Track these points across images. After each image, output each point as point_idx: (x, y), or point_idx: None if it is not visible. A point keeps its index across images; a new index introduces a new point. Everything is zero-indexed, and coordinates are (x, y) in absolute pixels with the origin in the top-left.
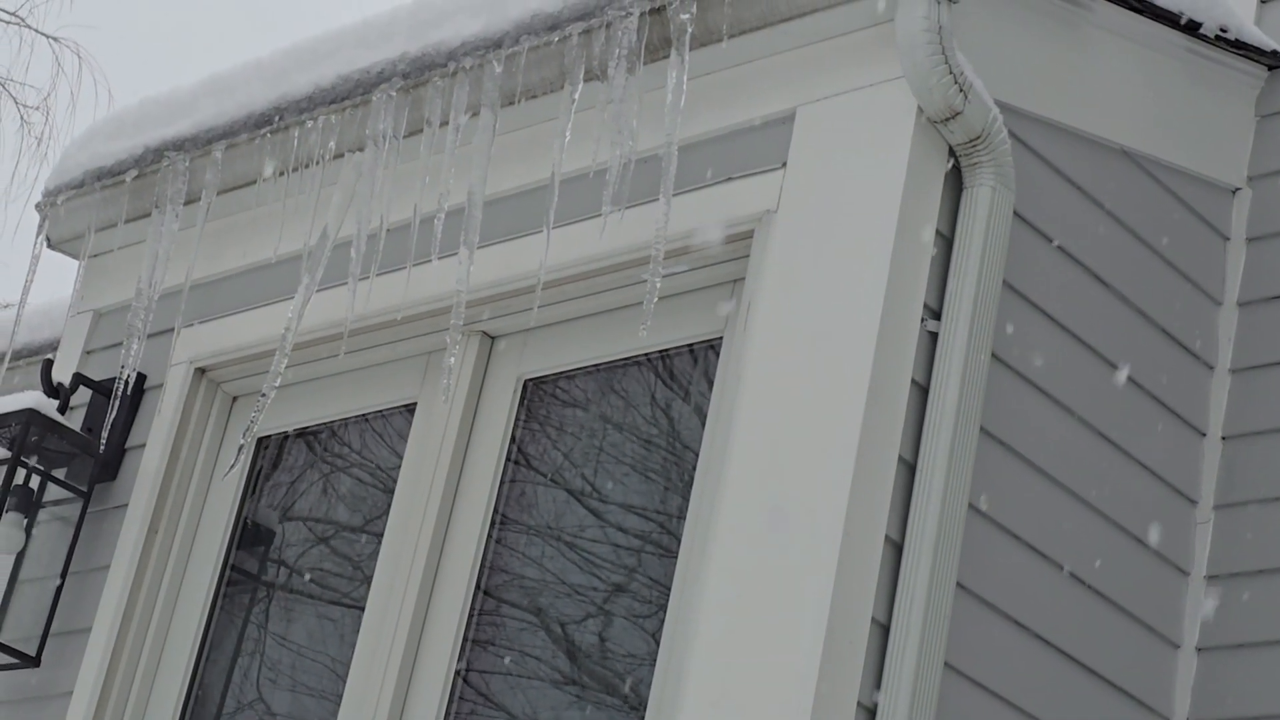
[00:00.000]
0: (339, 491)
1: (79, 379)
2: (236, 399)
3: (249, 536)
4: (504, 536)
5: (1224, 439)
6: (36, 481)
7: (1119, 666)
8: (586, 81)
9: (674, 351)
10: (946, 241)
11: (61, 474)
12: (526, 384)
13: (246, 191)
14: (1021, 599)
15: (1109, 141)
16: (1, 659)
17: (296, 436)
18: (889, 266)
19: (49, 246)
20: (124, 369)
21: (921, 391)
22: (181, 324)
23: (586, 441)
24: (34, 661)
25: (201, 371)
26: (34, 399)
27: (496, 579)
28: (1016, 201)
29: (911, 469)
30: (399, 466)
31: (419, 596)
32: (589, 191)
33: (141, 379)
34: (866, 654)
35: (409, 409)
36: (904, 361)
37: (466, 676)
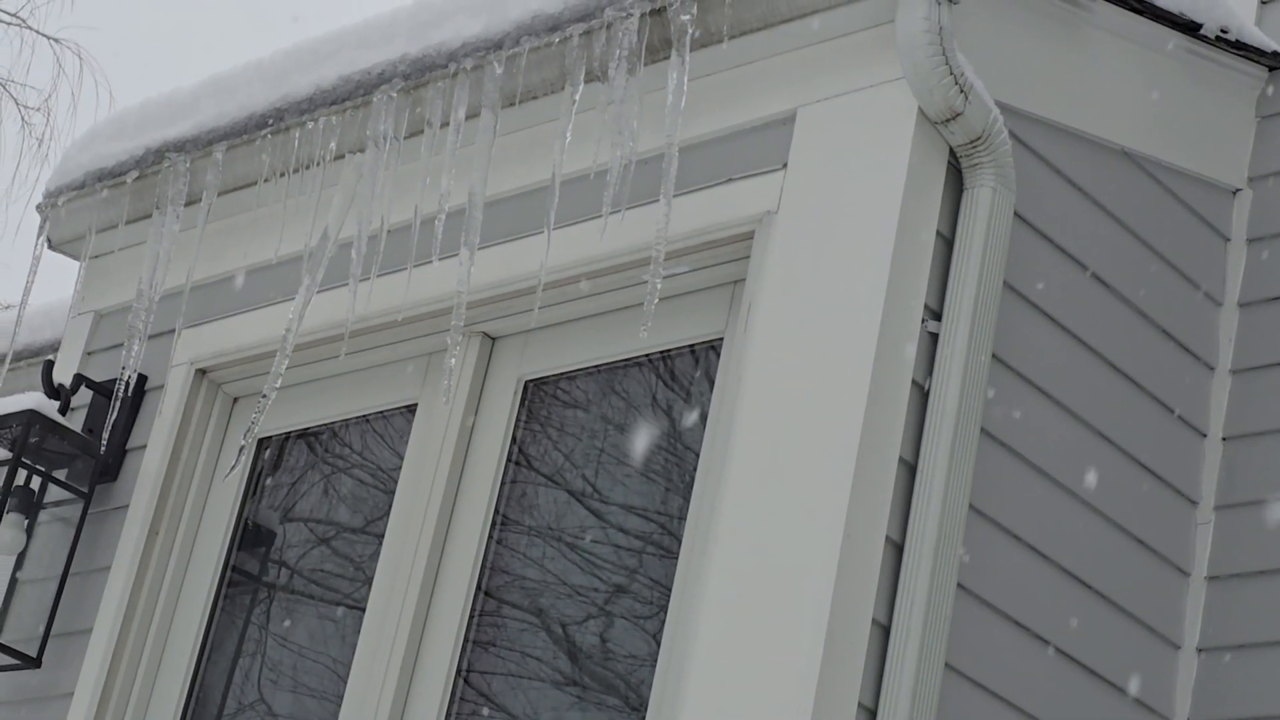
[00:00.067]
0: (340, 492)
1: (80, 380)
2: (237, 400)
3: (250, 537)
4: (505, 537)
5: (1224, 440)
6: (37, 482)
7: (1120, 667)
8: (587, 82)
9: (675, 352)
10: (947, 242)
11: (62, 475)
12: (527, 385)
13: (247, 192)
14: (1022, 600)
15: (1109, 142)
16: (2, 660)
17: (297, 437)
18: (889, 267)
19: (50, 247)
20: (125, 370)
21: (922, 392)
22: (182, 325)
23: (587, 442)
24: (35, 662)
25: (202, 372)
26: (35, 400)
27: (497, 580)
28: (1017, 202)
29: (912, 470)
30: (400, 467)
31: (420, 597)
32: (589, 192)
33: (142, 380)
34: (867, 655)
35: (410, 410)
36: (904, 362)
37: (467, 677)
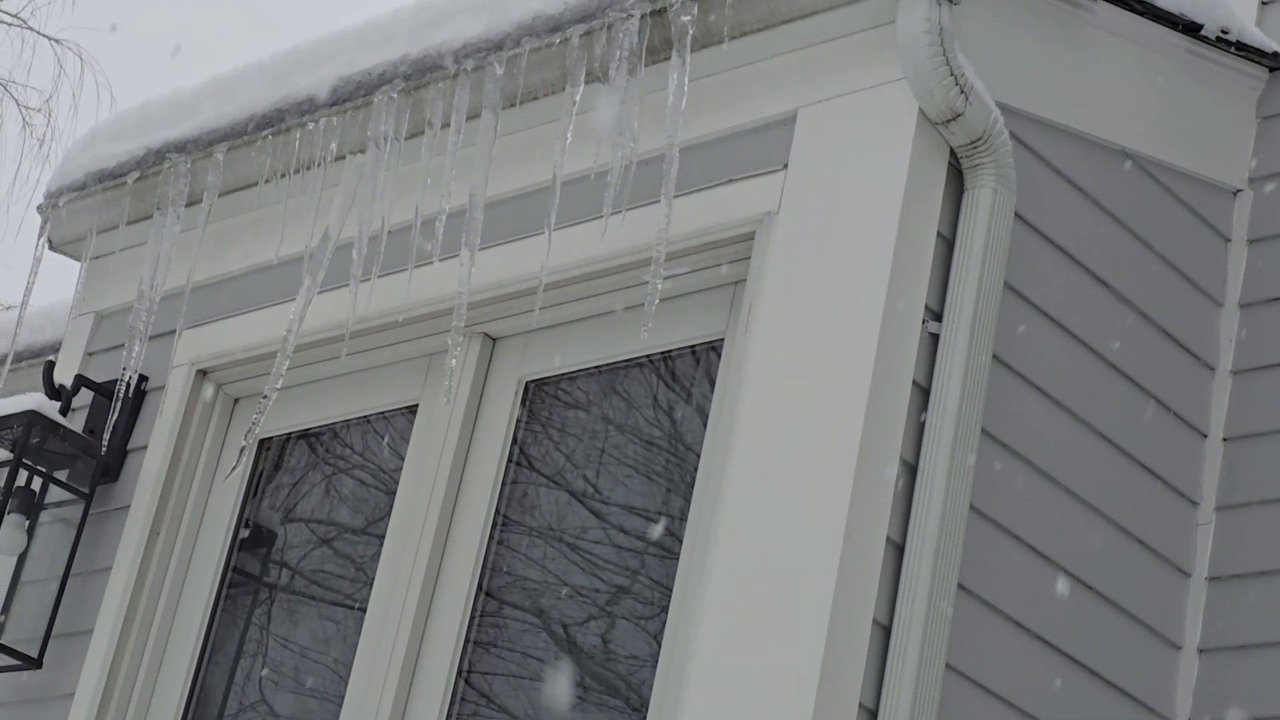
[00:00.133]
0: (340, 493)
1: (80, 381)
2: (238, 401)
3: (251, 538)
4: (505, 538)
5: (1225, 440)
6: (38, 483)
7: (1120, 668)
8: (588, 83)
9: (675, 353)
10: (947, 243)
11: (63, 476)
12: (528, 385)
13: (248, 193)
14: (1023, 600)
15: (1110, 143)
16: (3, 660)
17: (298, 438)
18: (890, 268)
19: (51, 248)
20: (125, 371)
21: (923, 393)
22: (183, 326)
23: (588, 443)
24: (36, 663)
25: (203, 373)
26: (36, 401)
27: (498, 580)
28: (1017, 203)
29: (913, 470)
30: (400, 468)
31: (420, 598)
32: (590, 193)
33: (143, 381)
34: (868, 655)
35: (410, 410)
36: (905, 363)
37: (468, 678)
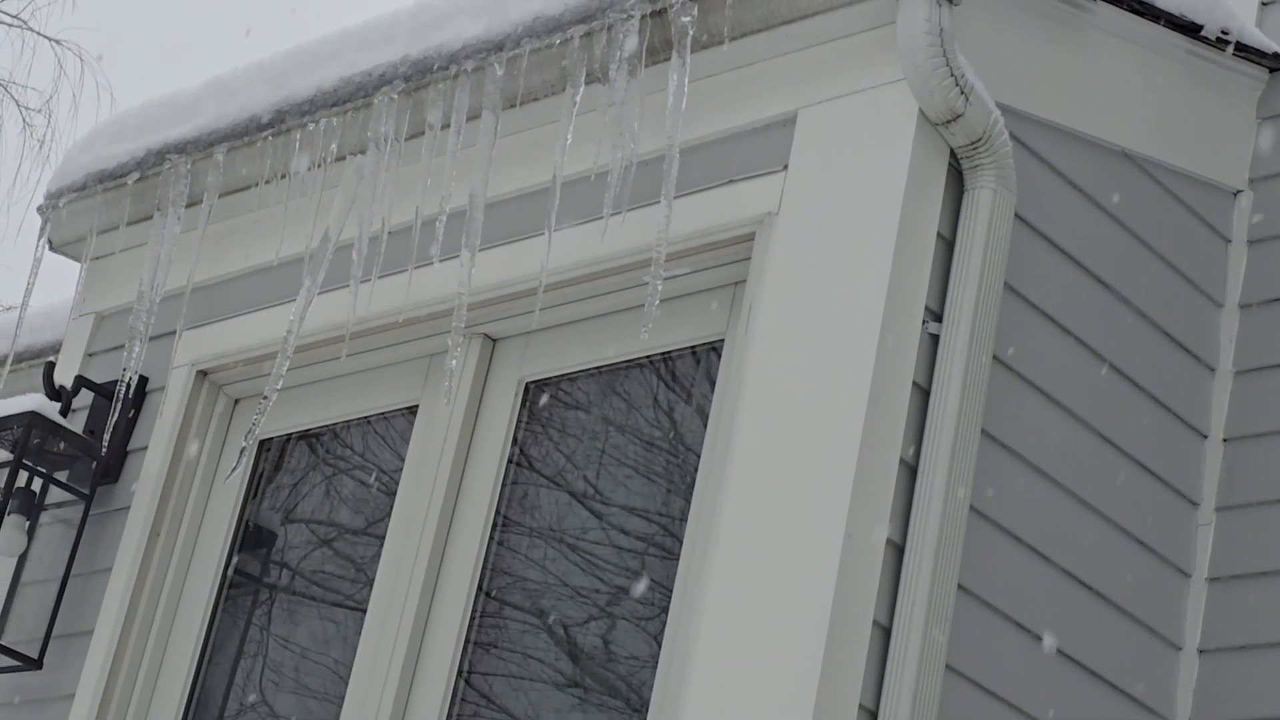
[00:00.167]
0: (341, 494)
1: (81, 382)
2: (238, 401)
3: (251, 539)
4: (506, 538)
5: (1225, 441)
6: (38, 484)
7: (1121, 668)
8: (588, 84)
9: (676, 354)
10: (948, 244)
11: (63, 477)
12: (528, 386)
13: (248, 194)
14: (1023, 601)
15: (1110, 144)
16: (4, 661)
17: (298, 439)
18: (890, 268)
19: (51, 249)
20: (126, 372)
21: (923, 394)
22: (183, 326)
23: (588, 444)
24: (36, 664)
25: (203, 374)
26: (36, 402)
27: (498, 581)
28: (1018, 204)
29: (913, 471)
30: (401, 469)
31: (421, 598)
32: (590, 194)
33: (143, 381)
34: (868, 656)
35: (411, 411)
36: (905, 363)
37: (468, 678)
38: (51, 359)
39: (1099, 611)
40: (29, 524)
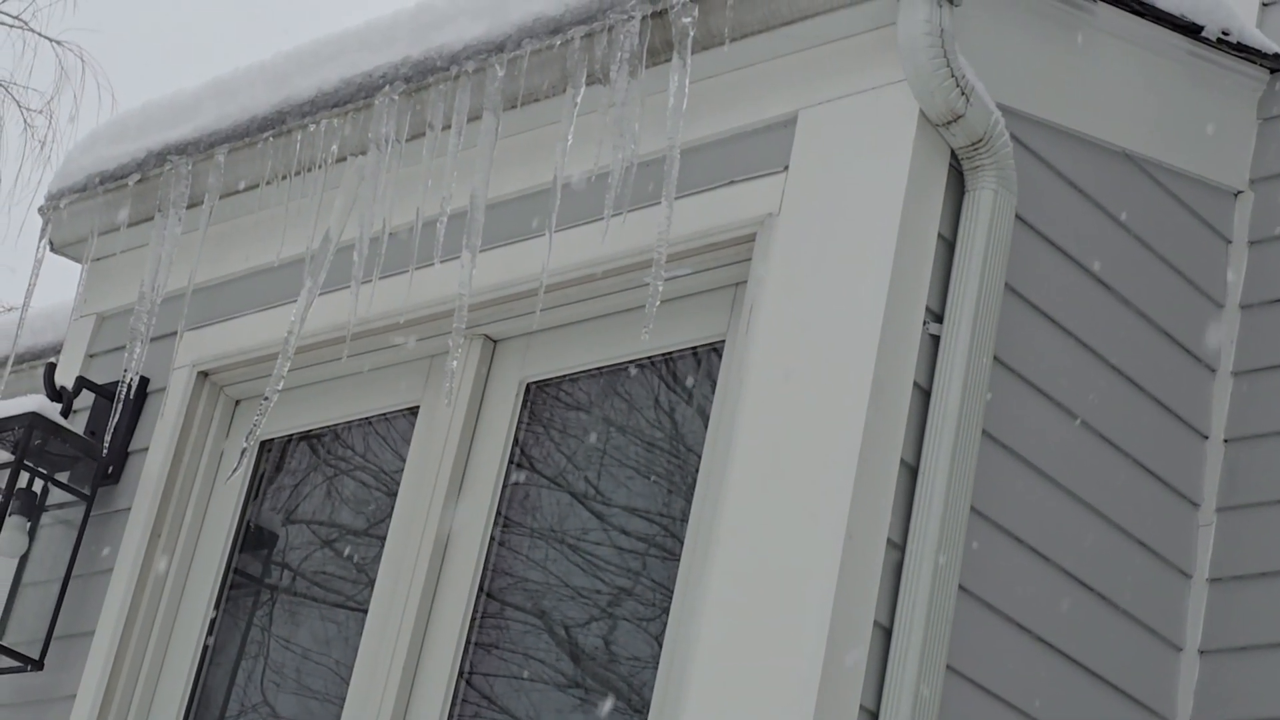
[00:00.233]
0: (342, 495)
1: (82, 382)
2: (239, 402)
3: (252, 540)
4: (506, 539)
5: (1226, 442)
6: (39, 485)
7: (1121, 669)
8: (589, 85)
9: (676, 354)
10: (948, 244)
11: (64, 477)
12: (529, 387)
13: (249, 195)
14: (1024, 602)
15: (1111, 144)
16: (5, 662)
17: (299, 440)
18: (891, 269)
19: (52, 250)
20: (127, 373)
21: (923, 394)
22: (184, 327)
23: (589, 444)
24: (37, 665)
25: (204, 375)
26: (37, 403)
27: (499, 582)
28: (1018, 204)
29: (914, 472)
30: (402, 470)
31: (422, 599)
32: (591, 195)
33: (144, 382)
34: (869, 657)
35: (411, 412)
36: (906, 364)
37: (469, 679)
38: (52, 360)
39: (1100, 612)
40: (30, 525)
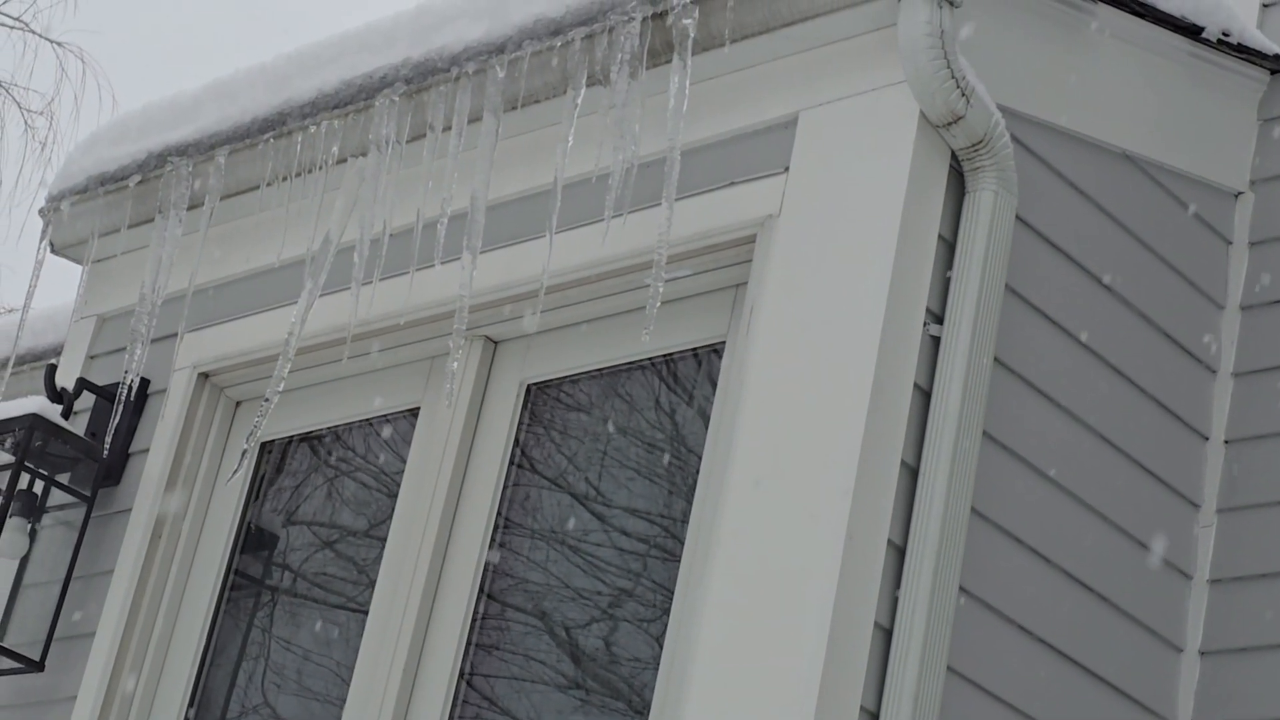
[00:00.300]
0: (343, 496)
1: (82, 384)
2: (240, 404)
3: (253, 541)
4: (507, 540)
5: (1227, 443)
6: (40, 486)
7: (1122, 670)
8: (589, 86)
9: (677, 356)
10: (949, 245)
11: (65, 479)
12: (529, 388)
13: (250, 196)
14: (1024, 603)
15: (1111, 145)
16: (5, 663)
17: (300, 441)
18: (891, 270)
19: (53, 251)
20: (127, 374)
21: (924, 396)
22: (185, 329)
23: (590, 446)
24: (38, 666)
25: (205, 376)
26: (38, 404)
27: (500, 583)
28: (1019, 205)
29: (914, 473)
30: (402, 471)
31: (422, 600)
32: (591, 196)
33: (145, 384)
34: (869, 658)
35: (412, 413)
36: (906, 366)
37: (470, 680)
38: (53, 361)
39: (1100, 613)
40: (31, 526)
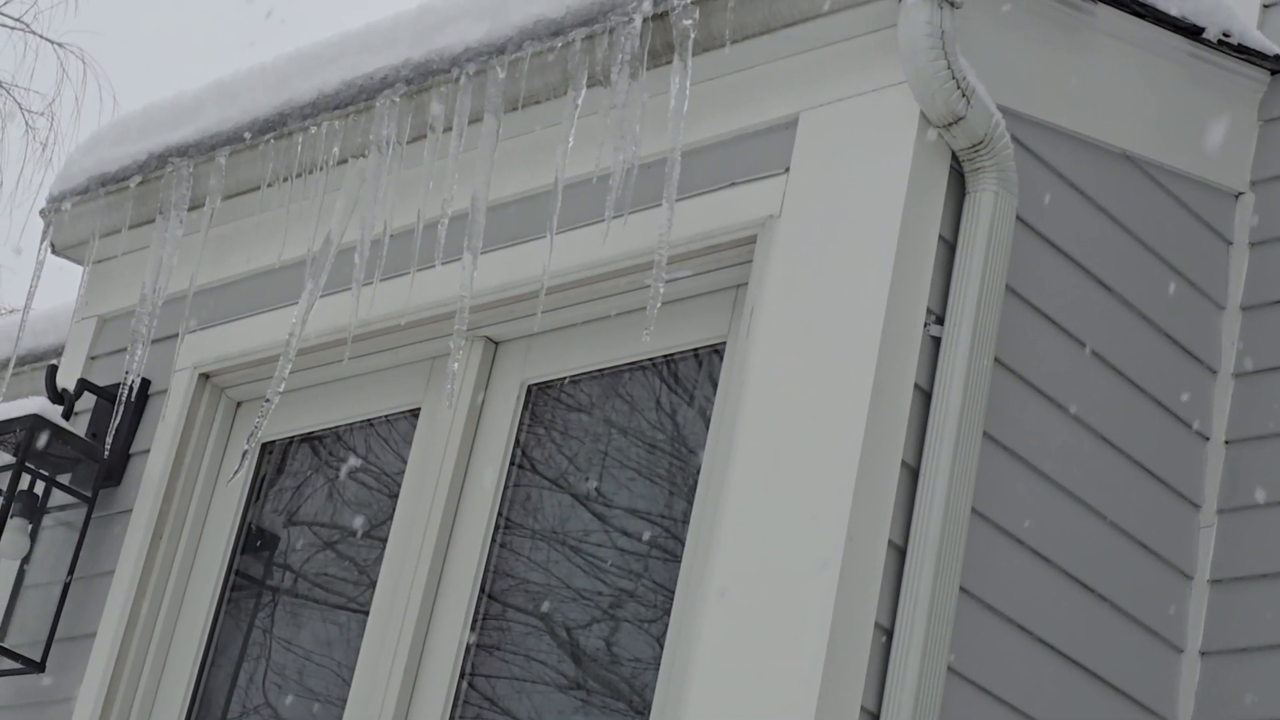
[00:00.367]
0: (343, 496)
1: (83, 385)
2: (240, 404)
3: (253, 542)
4: (508, 541)
5: (1227, 443)
6: (41, 487)
7: (1122, 671)
8: (590, 87)
9: (678, 356)
10: (949, 246)
11: (66, 479)
12: (530, 389)
13: (250, 197)
14: (1025, 603)
15: (1111, 146)
16: (6, 664)
17: (301, 442)
18: (892, 271)
19: (53, 252)
20: (128, 374)
21: (924, 396)
22: (186, 330)
23: (590, 446)
24: (39, 667)
25: (206, 377)
26: (39, 405)
27: (501, 583)
28: (1019, 206)
29: (915, 473)
30: (403, 471)
31: (423, 601)
32: (592, 197)
33: (146, 384)
34: (870, 658)
35: (413, 414)
36: (907, 366)
37: (471, 680)
38: (54, 362)
39: (1101, 614)
40: (31, 527)
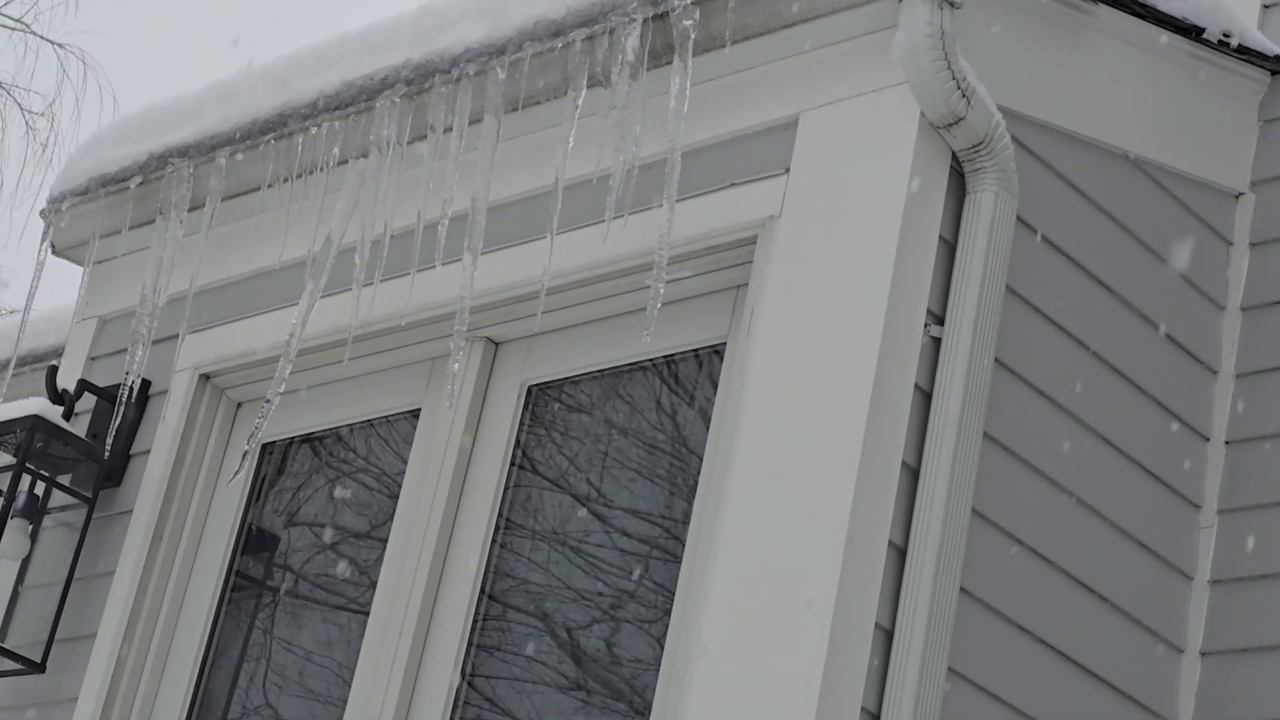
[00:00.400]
0: (343, 497)
1: (84, 385)
2: (241, 405)
3: (254, 542)
4: (508, 541)
5: (1228, 444)
6: (41, 488)
7: (1123, 671)
8: (590, 87)
9: (678, 357)
10: (949, 247)
11: (66, 480)
12: (530, 389)
13: (251, 198)
14: (1025, 604)
15: (1112, 146)
16: (7, 665)
17: (301, 442)
18: (892, 271)
19: (54, 253)
20: (129, 375)
21: (925, 397)
22: (186, 330)
23: (591, 447)
24: (39, 667)
25: (206, 378)
26: (39, 405)
27: (501, 584)
28: (1019, 206)
29: (915, 474)
30: (403, 472)
31: (423, 601)
32: (592, 197)
33: (146, 385)
34: (870, 659)
35: (413, 415)
36: (907, 366)
37: (471, 681)
38: (54, 363)
39: (1101, 614)
40: (32, 528)
